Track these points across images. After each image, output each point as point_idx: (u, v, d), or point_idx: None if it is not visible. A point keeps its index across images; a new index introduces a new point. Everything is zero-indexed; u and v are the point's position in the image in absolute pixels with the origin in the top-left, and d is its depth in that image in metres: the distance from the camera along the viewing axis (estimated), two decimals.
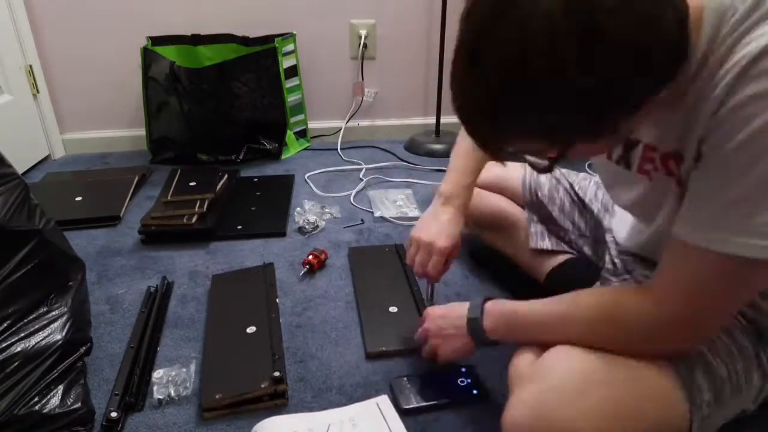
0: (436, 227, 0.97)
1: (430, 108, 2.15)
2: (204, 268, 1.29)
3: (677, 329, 0.63)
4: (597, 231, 1.07)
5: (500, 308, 0.81)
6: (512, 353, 0.77)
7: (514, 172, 1.18)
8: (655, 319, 0.64)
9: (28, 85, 1.85)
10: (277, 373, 0.91)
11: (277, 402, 0.91)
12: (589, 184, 1.11)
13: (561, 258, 1.09)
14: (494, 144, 0.59)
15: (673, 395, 0.65)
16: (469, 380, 0.94)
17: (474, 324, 0.82)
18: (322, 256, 1.28)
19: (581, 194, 1.10)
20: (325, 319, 1.11)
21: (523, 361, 0.74)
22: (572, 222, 1.10)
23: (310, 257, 1.27)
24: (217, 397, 0.89)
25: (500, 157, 0.62)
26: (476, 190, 1.20)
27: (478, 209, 1.19)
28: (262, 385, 0.90)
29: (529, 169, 1.14)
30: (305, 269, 1.26)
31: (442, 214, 0.98)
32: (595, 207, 1.08)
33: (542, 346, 0.71)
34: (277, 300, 1.14)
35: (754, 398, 0.72)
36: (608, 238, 1.00)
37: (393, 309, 1.11)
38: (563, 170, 1.16)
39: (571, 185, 1.12)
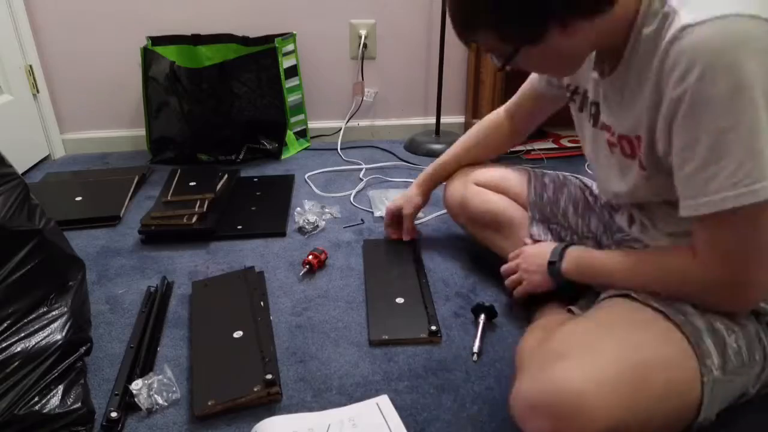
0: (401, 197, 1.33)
1: (430, 108, 2.15)
2: (204, 268, 1.29)
3: (725, 291, 0.70)
4: (600, 234, 1.06)
5: (577, 254, 0.91)
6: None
7: (519, 175, 1.18)
8: (702, 282, 0.71)
9: (28, 85, 1.85)
10: (269, 376, 0.90)
11: (272, 399, 0.91)
12: (592, 186, 1.11)
13: None
14: (464, 37, 0.76)
15: (683, 362, 0.67)
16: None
17: (552, 267, 0.92)
18: (322, 256, 1.28)
19: (588, 196, 1.10)
20: (325, 319, 1.11)
21: (530, 343, 0.77)
22: (576, 223, 1.09)
23: (310, 257, 1.27)
24: (209, 403, 0.88)
25: (470, 45, 0.79)
26: (477, 189, 1.20)
27: (480, 208, 1.19)
28: (255, 389, 0.89)
29: (533, 172, 1.16)
30: (305, 269, 1.26)
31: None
32: (604, 208, 1.07)
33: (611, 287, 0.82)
34: (262, 303, 1.12)
35: (755, 379, 0.73)
36: (617, 237, 1.00)
37: (400, 300, 1.14)
38: (568, 175, 1.16)
39: (577, 186, 1.12)
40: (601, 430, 0.61)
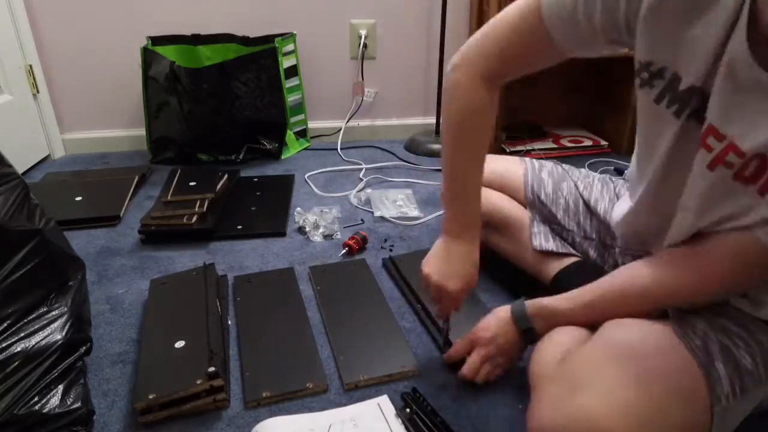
0: (447, 267, 0.90)
1: (430, 108, 2.15)
2: None
3: (719, 293, 0.73)
4: (603, 234, 1.05)
5: (538, 309, 0.86)
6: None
7: (516, 170, 1.14)
8: (697, 291, 0.72)
9: (28, 85, 1.85)
10: (211, 369, 0.88)
11: (218, 398, 0.88)
12: (593, 182, 1.08)
13: (566, 260, 1.06)
14: None
15: (697, 390, 0.65)
16: None
17: (528, 335, 0.86)
18: (363, 243, 1.35)
19: (585, 194, 1.07)
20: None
21: (547, 360, 0.74)
22: (577, 224, 1.07)
23: (352, 241, 1.33)
24: (150, 397, 0.86)
25: None
26: None
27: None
28: (198, 382, 0.87)
29: (530, 166, 1.13)
30: (344, 250, 1.33)
31: (452, 252, 0.91)
32: (601, 207, 1.05)
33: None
34: (218, 302, 1.09)
35: None
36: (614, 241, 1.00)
37: (179, 344, 0.98)
38: (565, 167, 1.13)
39: (575, 184, 1.09)
40: None
